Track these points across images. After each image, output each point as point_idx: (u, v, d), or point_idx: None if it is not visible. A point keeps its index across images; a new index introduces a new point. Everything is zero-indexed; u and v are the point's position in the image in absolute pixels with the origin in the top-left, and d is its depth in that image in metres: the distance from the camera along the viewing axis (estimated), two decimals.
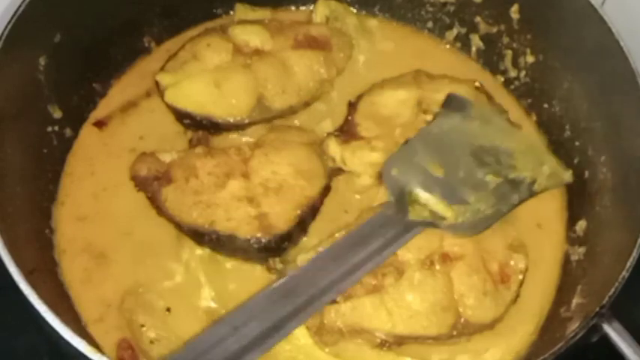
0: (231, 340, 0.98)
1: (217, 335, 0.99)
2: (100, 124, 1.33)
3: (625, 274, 1.00)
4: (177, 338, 1.11)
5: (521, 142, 1.28)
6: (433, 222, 1.16)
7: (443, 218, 1.17)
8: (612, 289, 1.00)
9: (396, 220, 1.15)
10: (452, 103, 1.29)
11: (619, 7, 1.31)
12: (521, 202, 1.22)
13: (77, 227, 1.22)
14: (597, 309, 0.99)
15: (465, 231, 1.16)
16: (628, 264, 1.01)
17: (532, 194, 1.23)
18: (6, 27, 1.14)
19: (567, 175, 1.26)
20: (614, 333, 0.98)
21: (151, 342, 1.11)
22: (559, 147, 1.34)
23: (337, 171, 1.27)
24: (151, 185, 1.21)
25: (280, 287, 1.05)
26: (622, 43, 1.18)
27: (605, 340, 0.99)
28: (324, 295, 1.06)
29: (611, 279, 1.02)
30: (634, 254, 1.02)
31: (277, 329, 1.01)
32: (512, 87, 1.43)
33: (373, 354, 1.13)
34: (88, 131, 1.33)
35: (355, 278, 1.09)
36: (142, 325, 1.12)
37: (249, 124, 1.30)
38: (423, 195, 1.18)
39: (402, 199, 1.18)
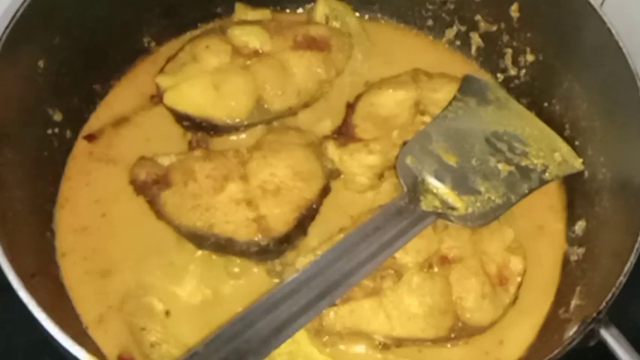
0: (249, 332, 0.99)
1: (235, 328, 1.00)
2: (91, 137, 1.33)
3: (622, 279, 1.00)
4: (177, 342, 1.12)
5: (535, 127, 1.29)
6: (444, 213, 1.17)
7: (453, 208, 1.17)
8: (610, 295, 1.00)
9: (409, 211, 1.16)
10: (468, 84, 1.31)
11: (618, 7, 1.31)
12: (530, 191, 1.22)
13: (77, 232, 1.22)
14: (595, 314, 0.99)
15: (474, 221, 1.17)
16: (625, 269, 1.01)
17: (542, 183, 1.24)
18: (4, 30, 1.13)
19: (578, 163, 1.26)
20: (611, 338, 0.98)
21: (152, 345, 1.11)
22: None
23: (336, 172, 1.27)
24: (150, 189, 1.21)
25: (292, 282, 1.05)
26: (621, 44, 1.17)
27: (602, 344, 0.99)
28: (335, 289, 1.06)
29: (609, 283, 1.02)
30: (631, 259, 1.02)
31: (290, 323, 1.01)
32: (512, 85, 1.42)
33: (372, 356, 1.13)
34: (82, 142, 1.33)
35: (366, 271, 1.09)
36: (143, 329, 1.12)
37: (248, 126, 1.30)
38: (435, 184, 1.19)
39: (415, 189, 1.18)
